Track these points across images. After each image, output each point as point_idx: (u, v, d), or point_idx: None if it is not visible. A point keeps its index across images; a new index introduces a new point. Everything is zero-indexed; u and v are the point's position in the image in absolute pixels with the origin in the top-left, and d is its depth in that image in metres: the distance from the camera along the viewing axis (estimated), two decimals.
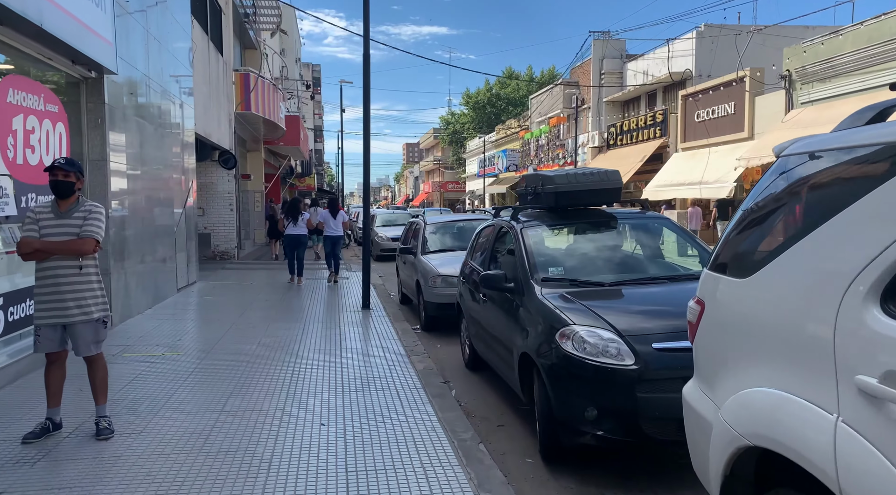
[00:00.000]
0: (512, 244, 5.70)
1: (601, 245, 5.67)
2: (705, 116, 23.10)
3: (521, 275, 5.16)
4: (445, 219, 10.93)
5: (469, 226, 10.73)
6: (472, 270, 6.84)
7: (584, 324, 4.31)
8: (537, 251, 5.37)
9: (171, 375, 6.28)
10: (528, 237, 5.51)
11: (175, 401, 5.46)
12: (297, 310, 10.27)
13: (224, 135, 17.41)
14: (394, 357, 7.06)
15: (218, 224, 18.22)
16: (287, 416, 5.04)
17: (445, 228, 10.69)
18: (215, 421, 4.92)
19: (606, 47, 30.34)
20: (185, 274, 12.35)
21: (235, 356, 7.05)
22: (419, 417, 5.01)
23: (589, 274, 5.14)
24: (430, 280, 9.05)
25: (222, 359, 6.94)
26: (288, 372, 6.36)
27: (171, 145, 11.45)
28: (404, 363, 6.78)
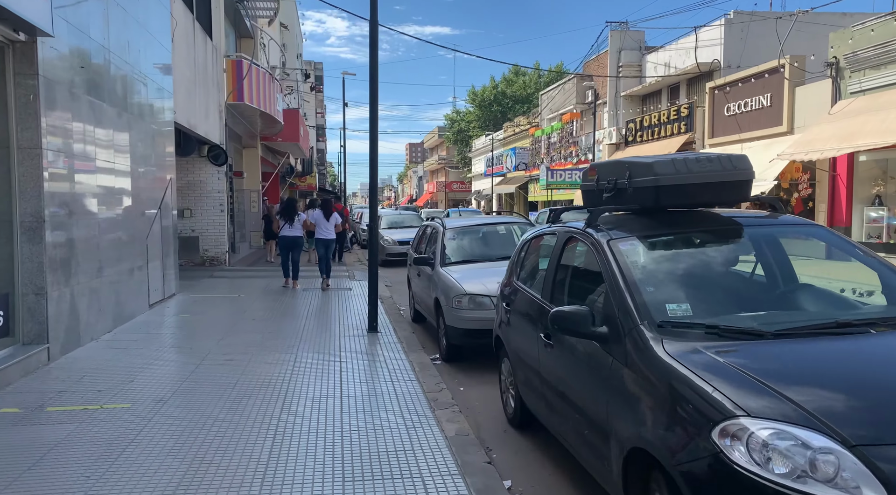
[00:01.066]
0: (594, 264, 3.81)
1: (735, 268, 3.76)
2: (736, 110, 21.20)
3: (622, 315, 3.27)
4: (468, 223, 9.04)
5: (497, 230, 8.86)
6: (523, 296, 4.96)
7: (765, 414, 2.44)
8: (643, 278, 3.45)
9: (105, 445, 4.41)
10: (624, 256, 3.60)
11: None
12: (290, 333, 8.39)
13: (213, 128, 15.55)
14: (412, 412, 5.17)
15: (207, 226, 16.36)
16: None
17: (469, 234, 8.77)
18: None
19: (624, 38, 28.44)
20: (161, 286, 10.49)
21: (198, 410, 5.17)
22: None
23: (735, 316, 3.24)
24: (454, 300, 7.17)
25: (180, 414, 5.06)
26: (264, 442, 4.48)
27: (141, 134, 9.58)
28: (428, 423, 4.89)
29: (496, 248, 8.47)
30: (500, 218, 9.22)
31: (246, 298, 11.41)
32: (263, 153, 24.50)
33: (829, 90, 17.49)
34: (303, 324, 8.96)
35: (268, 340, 7.90)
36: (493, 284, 7.07)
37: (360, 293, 12.09)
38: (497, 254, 8.25)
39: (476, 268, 7.85)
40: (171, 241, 11.14)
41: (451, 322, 7.19)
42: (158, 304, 10.25)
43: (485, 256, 8.23)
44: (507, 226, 8.92)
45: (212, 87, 15.44)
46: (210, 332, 8.36)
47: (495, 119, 54.39)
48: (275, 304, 10.74)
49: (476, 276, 7.47)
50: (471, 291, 7.10)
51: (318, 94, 65.98)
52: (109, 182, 8.28)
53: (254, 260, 18.66)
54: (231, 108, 17.07)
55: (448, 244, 8.43)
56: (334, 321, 9.25)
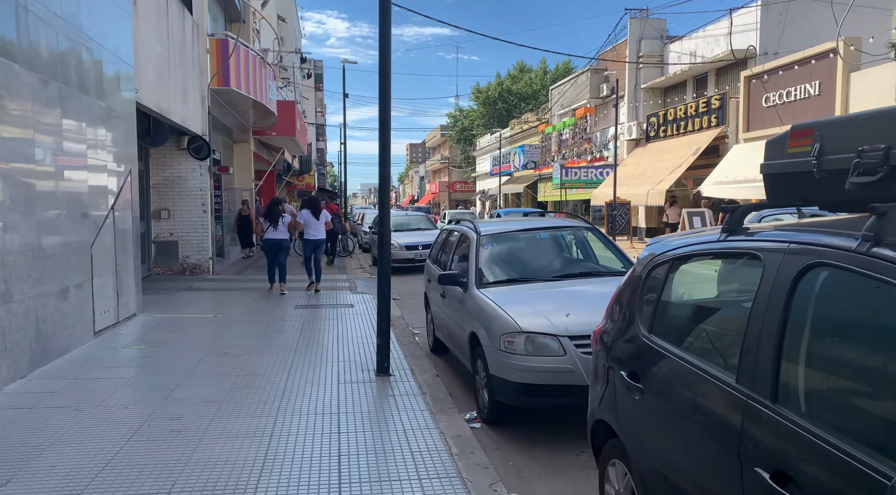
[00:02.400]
0: None
1: None
2: (777, 100, 18.97)
3: None
4: (509, 227, 6.71)
5: (551, 238, 6.59)
6: (676, 367, 2.68)
7: None
8: None
9: None
10: None
11: None
12: (272, 377, 6.13)
13: (194, 116, 13.29)
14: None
15: (187, 229, 14.10)
16: None
17: (512, 242, 6.47)
18: None
19: (645, 27, 26.19)
20: (114, 306, 8.23)
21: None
22: None
23: None
24: (502, 339, 4.91)
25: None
26: None
27: (83, 113, 7.33)
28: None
29: (553, 263, 6.23)
30: (551, 221, 6.92)
31: (224, 319, 9.15)
32: (257, 148, 22.23)
33: (894, 75, 15.25)
34: (290, 361, 6.69)
35: (239, 391, 5.63)
36: (559, 316, 4.83)
37: (365, 311, 9.83)
38: (555, 271, 6.01)
39: (528, 291, 5.59)
40: (130, 249, 8.88)
41: (499, 371, 4.94)
42: (109, 330, 7.98)
43: (538, 274, 5.95)
44: (562, 232, 6.63)
45: (191, 68, 13.18)
46: (163, 377, 6.10)
47: (500, 117, 52.15)
48: (258, 328, 8.47)
49: (531, 304, 5.21)
50: (528, 328, 4.84)
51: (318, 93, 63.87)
52: (22, 173, 6.02)
53: (243, 267, 16.38)
54: (216, 94, 14.82)
55: (485, 257, 6.14)
56: (332, 355, 6.98)
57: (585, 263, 6.29)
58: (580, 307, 5.10)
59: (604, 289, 5.61)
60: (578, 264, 6.28)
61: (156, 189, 13.98)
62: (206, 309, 10.05)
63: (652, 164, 23.86)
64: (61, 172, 6.79)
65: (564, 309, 5.03)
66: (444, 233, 7.94)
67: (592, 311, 4.97)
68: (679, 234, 3.25)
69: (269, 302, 10.71)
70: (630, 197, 23.38)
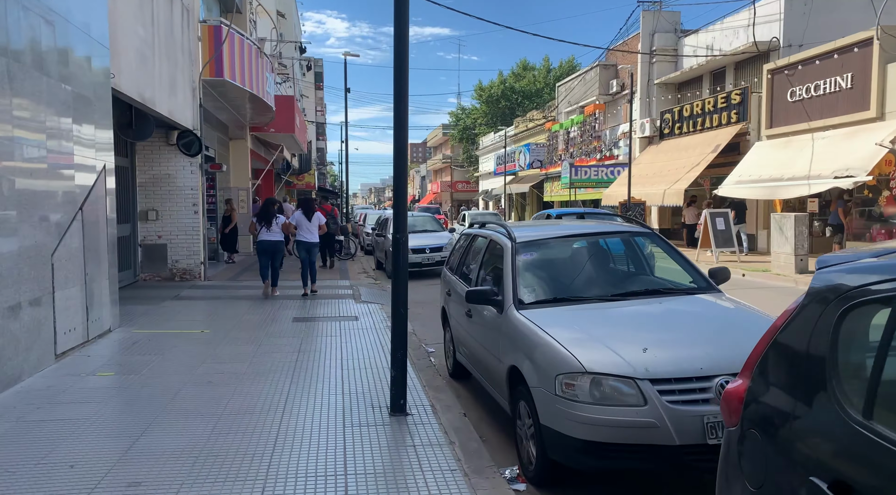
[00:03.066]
0: None
1: None
2: (804, 94, 17.79)
3: None
4: (550, 233, 5.46)
5: (606, 246, 5.41)
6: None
7: None
8: None
9: None
10: None
11: None
12: (262, 415, 4.96)
13: (183, 108, 12.12)
14: None
15: (176, 231, 12.93)
16: None
17: (555, 251, 5.27)
18: None
19: (658, 20, 25.01)
20: (82, 323, 7.06)
21: None
22: None
23: None
24: (559, 382, 3.75)
25: None
26: None
27: (40, 96, 6.17)
28: None
29: (609, 278, 5.07)
30: (605, 226, 5.65)
31: (212, 335, 7.98)
32: (254, 146, 21.07)
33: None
34: (286, 393, 5.53)
35: (221, 439, 4.47)
36: (633, 351, 3.69)
37: (372, 325, 8.67)
38: (613, 288, 4.85)
39: (583, 314, 4.42)
40: (104, 256, 7.72)
41: (553, 421, 3.78)
42: (76, 352, 6.82)
43: (592, 292, 4.77)
44: (615, 239, 5.43)
45: (181, 56, 12.01)
46: (130, 417, 4.94)
47: (503, 115, 51.00)
48: (249, 347, 7.30)
49: (591, 332, 4.05)
50: (595, 367, 3.67)
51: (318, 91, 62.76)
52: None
53: (237, 271, 15.21)
54: (209, 86, 13.65)
55: (524, 270, 4.95)
56: (335, 384, 5.82)
57: (650, 278, 5.11)
58: (659, 338, 3.94)
59: (681, 312, 4.45)
60: (641, 279, 5.10)
61: (142, 188, 12.82)
62: (193, 322, 8.88)
63: (667, 163, 22.70)
64: (11, 167, 5.63)
65: (638, 340, 3.87)
66: (466, 239, 6.77)
67: (676, 344, 3.82)
68: (879, 249, 2.08)
69: (264, 313, 9.54)
70: (645, 196, 22.22)
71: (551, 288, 4.87)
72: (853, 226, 16.97)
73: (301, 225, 11.26)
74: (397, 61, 4.95)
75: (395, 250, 4.99)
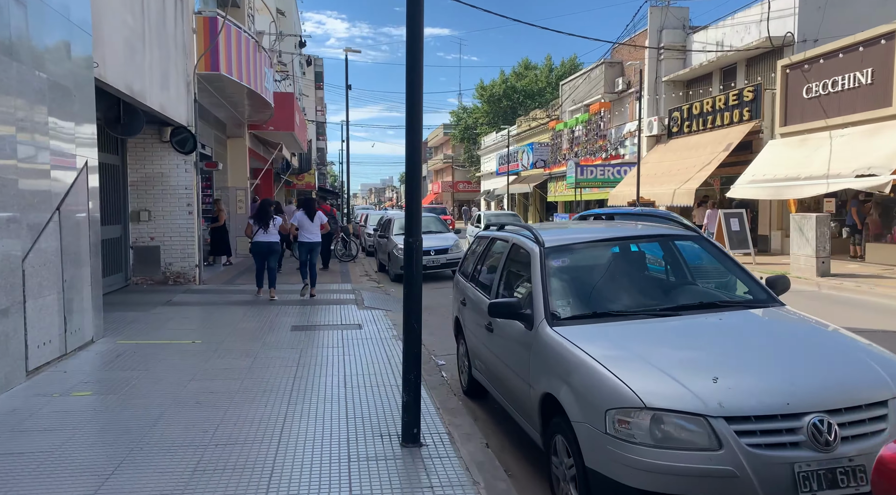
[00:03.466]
0: None
1: None
2: (821, 90, 17.14)
3: None
4: (583, 236, 4.69)
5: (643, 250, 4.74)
6: None
7: None
8: None
9: None
10: None
11: None
12: (256, 446, 4.30)
13: (176, 103, 11.46)
14: None
15: (170, 233, 12.26)
16: None
17: (591, 257, 4.56)
18: None
19: (666, 16, 24.35)
20: (59, 335, 6.40)
21: None
22: None
23: None
24: (612, 418, 3.06)
25: None
26: None
27: (14, 87, 5.50)
28: None
29: (657, 289, 4.40)
30: (644, 228, 4.90)
31: (203, 346, 7.31)
32: (252, 144, 20.41)
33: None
34: (283, 418, 4.86)
35: (205, 478, 3.80)
36: (701, 380, 3.06)
37: (377, 334, 8.00)
38: (662, 301, 4.18)
39: (631, 332, 3.75)
40: (86, 260, 7.05)
41: (603, 466, 3.11)
42: (51, 367, 6.15)
43: (638, 305, 4.10)
44: (659, 243, 4.74)
45: (174, 49, 11.34)
46: (102, 448, 4.28)
47: (505, 115, 50.34)
48: (243, 361, 6.64)
49: (645, 356, 3.38)
50: (656, 401, 3.00)
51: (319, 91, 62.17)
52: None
53: (233, 274, 14.54)
54: (204, 81, 12.98)
55: (557, 279, 4.28)
56: (338, 406, 5.15)
57: (702, 289, 4.43)
58: (728, 364, 3.28)
59: (747, 330, 3.79)
60: (692, 290, 4.41)
61: (134, 187, 12.15)
62: (184, 331, 8.21)
63: (676, 162, 22.04)
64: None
65: (704, 366, 3.22)
66: (482, 242, 6.10)
67: (751, 371, 3.17)
68: None
69: (261, 321, 8.88)
70: (654, 196, 21.54)
71: (589, 300, 4.19)
72: (873, 227, 16.33)
73: (303, 225, 11.02)
74: (410, 40, 4.29)
75: (408, 256, 4.32)
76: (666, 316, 3.91)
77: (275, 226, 10.70)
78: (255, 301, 10.58)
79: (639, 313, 3.96)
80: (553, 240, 4.55)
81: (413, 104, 4.32)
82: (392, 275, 15.16)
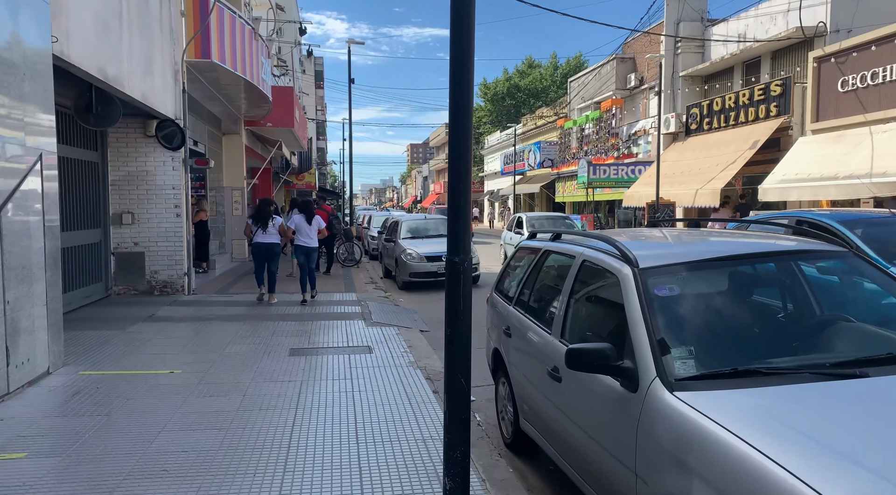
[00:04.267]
0: None
1: None
2: (858, 83, 15.84)
3: None
4: (693, 253, 3.26)
5: (781, 273, 3.43)
6: None
7: None
8: None
9: None
10: None
11: None
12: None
13: (162, 93, 10.15)
14: None
15: (156, 237, 10.95)
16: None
17: (711, 282, 3.22)
18: None
19: (683, 8, 23.05)
20: (1, 369, 5.10)
21: None
22: None
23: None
24: None
25: None
26: None
27: None
28: None
29: (814, 331, 3.10)
30: (769, 242, 3.59)
31: (183, 378, 6.01)
32: (250, 142, 19.10)
33: None
34: (278, 489, 3.57)
35: None
36: None
37: (390, 360, 6.69)
38: (828, 350, 2.88)
39: (807, 401, 2.44)
40: (38, 274, 5.74)
41: None
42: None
43: (792, 358, 2.80)
44: (799, 262, 3.39)
45: (158, 31, 10.04)
46: None
47: (508, 113, 49.04)
48: (230, 400, 5.33)
49: (849, 448, 2.08)
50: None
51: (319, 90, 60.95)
52: None
53: (228, 281, 13.23)
54: (195, 70, 11.68)
55: (668, 317, 2.96)
56: (349, 478, 3.85)
57: (879, 331, 3.11)
58: None
59: None
60: (867, 335, 3.09)
61: (116, 186, 10.85)
62: (163, 357, 6.89)
63: (696, 161, 20.76)
64: None
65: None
66: (529, 255, 4.79)
67: None
68: None
69: (254, 341, 7.57)
70: (673, 197, 20.25)
71: (723, 349, 2.88)
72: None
73: (300, 228, 10.57)
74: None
75: (452, 282, 3.02)
76: (846, 374, 2.60)
77: (274, 227, 10.29)
78: (249, 315, 9.29)
79: (802, 370, 2.64)
80: (651, 258, 3.23)
81: (461, 53, 3.02)
82: (400, 283, 13.87)
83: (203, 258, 13.69)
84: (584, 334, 3.47)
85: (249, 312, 9.55)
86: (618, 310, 3.15)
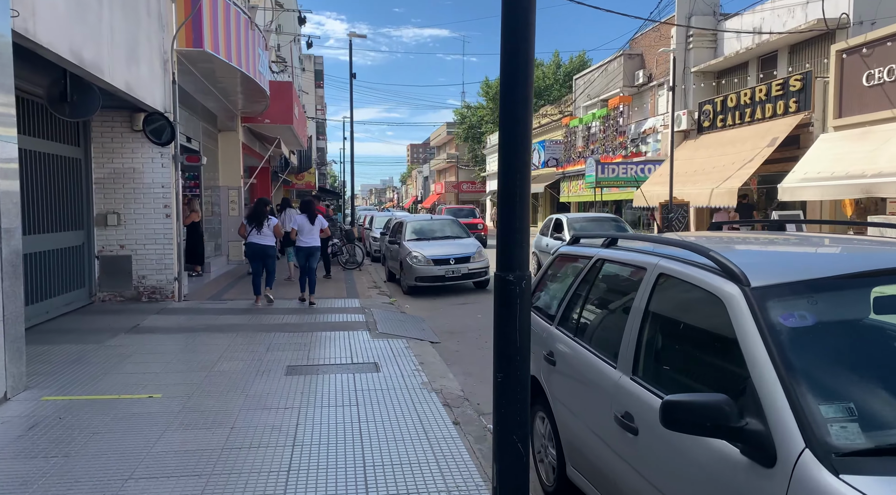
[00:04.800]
0: None
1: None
2: (885, 77, 15.00)
3: None
4: (831, 267, 2.47)
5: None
6: None
7: None
8: None
9: None
10: None
11: None
12: None
13: (150, 83, 9.30)
14: None
15: (143, 240, 10.11)
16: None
17: (855, 307, 2.46)
18: None
19: (695, 1, 22.21)
20: None
21: None
22: None
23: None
24: None
25: None
26: None
27: None
28: None
29: None
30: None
31: (163, 403, 5.16)
32: (247, 139, 18.25)
33: None
34: None
35: None
36: None
37: (400, 381, 5.83)
38: None
39: None
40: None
41: None
42: None
43: None
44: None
45: (145, 16, 9.19)
46: None
47: None
48: (214, 434, 4.48)
49: None
50: None
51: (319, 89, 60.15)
52: None
53: (223, 285, 12.37)
54: (187, 61, 10.82)
55: (804, 360, 2.13)
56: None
57: None
58: None
59: None
60: None
61: (100, 185, 10.00)
62: (143, 376, 6.04)
63: (709, 159, 19.92)
64: None
65: None
66: (573, 264, 3.95)
67: None
68: None
69: (247, 357, 6.72)
70: (687, 197, 19.41)
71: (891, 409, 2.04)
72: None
73: (303, 229, 10.16)
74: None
75: (505, 311, 2.16)
76: None
77: (269, 227, 10.02)
78: (243, 325, 8.44)
79: None
80: (766, 274, 2.38)
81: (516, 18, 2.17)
82: (405, 288, 13.01)
83: (197, 261, 12.84)
84: (669, 374, 2.62)
85: (244, 321, 8.70)
86: (719, 342, 2.30)
